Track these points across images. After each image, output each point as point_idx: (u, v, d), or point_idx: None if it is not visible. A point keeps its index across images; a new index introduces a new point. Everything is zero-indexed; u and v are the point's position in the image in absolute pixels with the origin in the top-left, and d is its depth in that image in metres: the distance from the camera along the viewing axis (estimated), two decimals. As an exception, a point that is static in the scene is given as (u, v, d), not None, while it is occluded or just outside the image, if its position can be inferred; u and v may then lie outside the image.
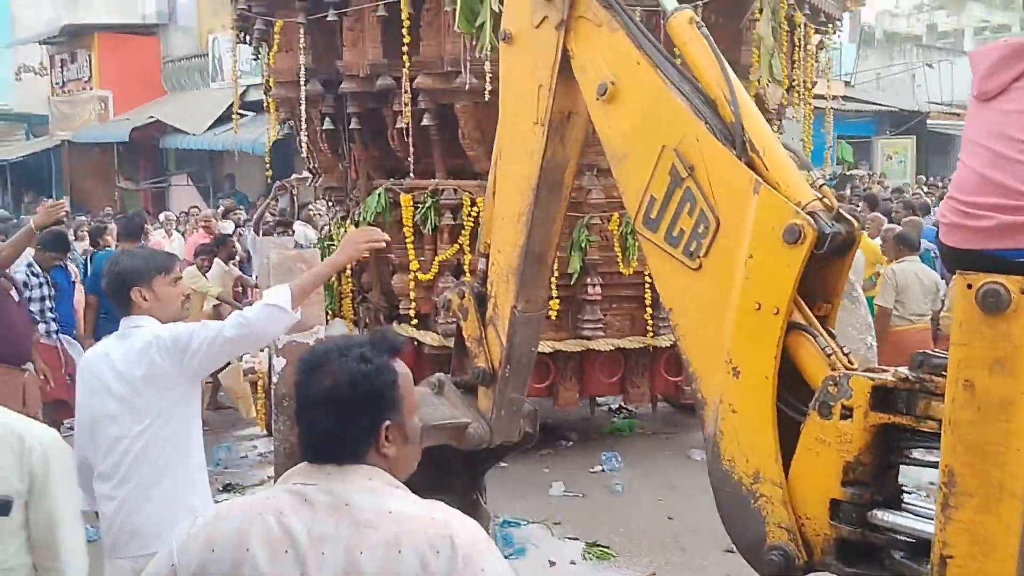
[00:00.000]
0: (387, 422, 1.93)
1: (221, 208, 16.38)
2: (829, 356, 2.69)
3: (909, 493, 2.60)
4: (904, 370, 2.55)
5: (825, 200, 2.79)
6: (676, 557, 5.88)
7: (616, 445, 7.91)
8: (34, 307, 6.71)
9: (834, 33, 8.75)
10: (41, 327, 6.80)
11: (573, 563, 5.81)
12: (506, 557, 5.38)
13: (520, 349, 4.08)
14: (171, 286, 3.52)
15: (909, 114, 25.78)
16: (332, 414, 1.90)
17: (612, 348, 7.42)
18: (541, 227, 3.87)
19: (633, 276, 7.32)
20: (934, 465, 2.40)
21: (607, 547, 5.98)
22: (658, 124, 3.08)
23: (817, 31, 8.38)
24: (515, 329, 4.00)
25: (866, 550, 2.63)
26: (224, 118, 18.68)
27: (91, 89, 24.69)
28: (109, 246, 9.18)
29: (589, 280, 7.21)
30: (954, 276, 2.30)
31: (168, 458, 3.34)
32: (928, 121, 25.32)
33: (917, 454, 2.59)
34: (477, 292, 4.22)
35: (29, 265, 6.79)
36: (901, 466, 2.67)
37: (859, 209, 12.36)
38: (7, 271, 6.15)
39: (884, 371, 2.63)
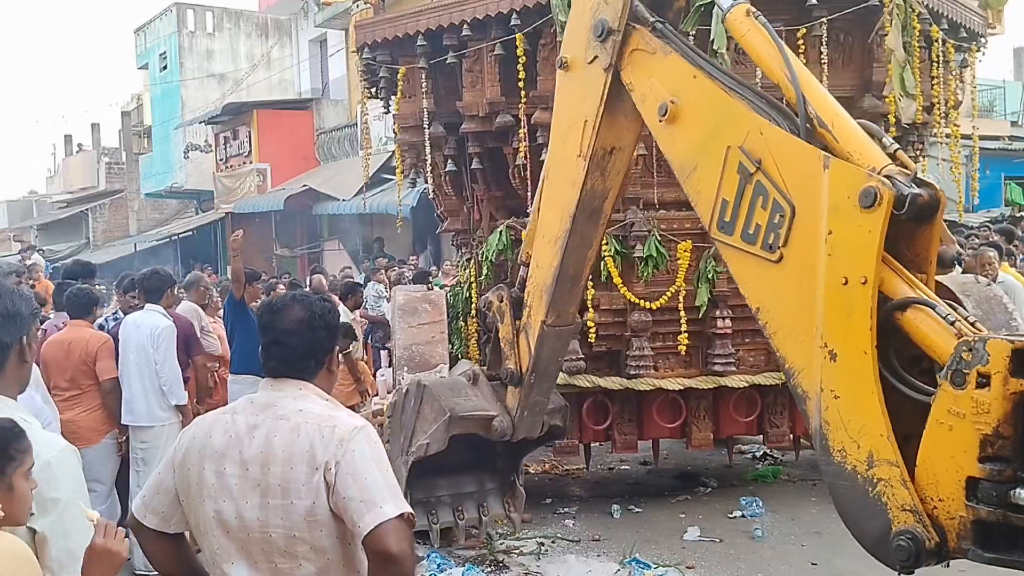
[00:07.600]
0: (337, 348, 2.59)
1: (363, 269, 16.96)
2: (953, 324, 2.48)
3: None
4: None
5: (902, 164, 2.66)
6: (817, 602, 5.48)
7: (758, 492, 7.57)
8: None
9: (978, 51, 8.20)
10: None
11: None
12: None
13: (547, 360, 4.45)
14: None
15: (1088, 155, 24.10)
16: (306, 338, 2.51)
17: (746, 385, 7.07)
18: (576, 252, 4.09)
19: (766, 309, 6.98)
20: None
21: (743, 591, 5.66)
22: (721, 128, 3.05)
23: (959, 48, 7.90)
24: (543, 342, 4.32)
25: (1007, 533, 2.35)
26: (371, 184, 19.22)
27: (251, 163, 25.95)
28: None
29: (718, 313, 6.92)
30: None
31: None
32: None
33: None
34: (515, 297, 4.54)
35: None
36: None
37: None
38: None
39: None
